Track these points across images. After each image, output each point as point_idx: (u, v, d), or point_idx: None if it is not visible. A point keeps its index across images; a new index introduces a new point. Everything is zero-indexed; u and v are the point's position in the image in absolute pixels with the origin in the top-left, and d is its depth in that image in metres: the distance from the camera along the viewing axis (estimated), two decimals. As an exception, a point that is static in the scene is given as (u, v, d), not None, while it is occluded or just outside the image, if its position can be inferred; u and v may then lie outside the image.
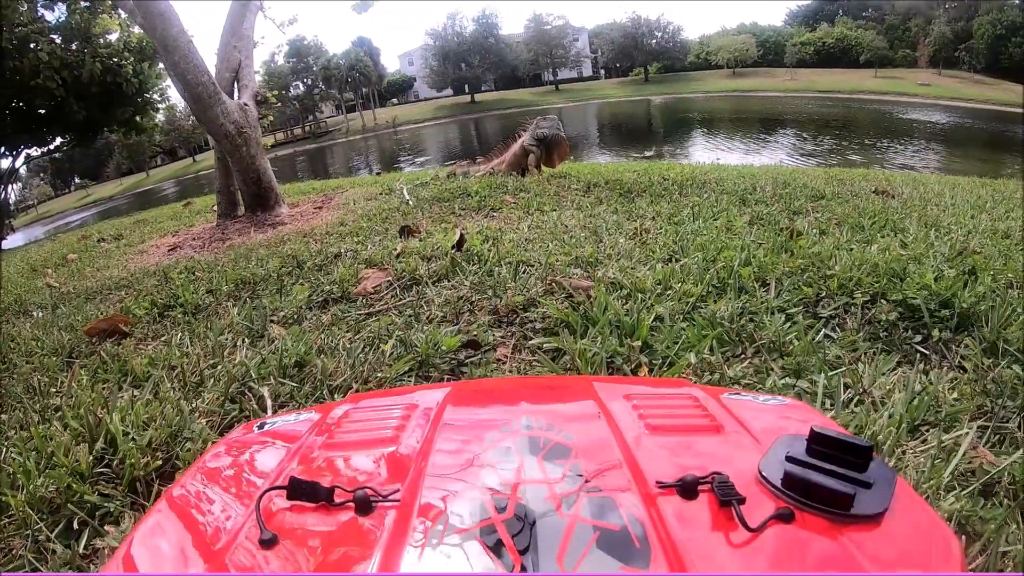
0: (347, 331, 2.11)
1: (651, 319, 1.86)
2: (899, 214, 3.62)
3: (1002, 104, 42.32)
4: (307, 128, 54.42)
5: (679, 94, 55.21)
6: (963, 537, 1.06)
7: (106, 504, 1.33)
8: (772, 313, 1.95)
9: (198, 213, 7.89)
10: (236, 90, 5.98)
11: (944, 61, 56.70)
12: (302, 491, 0.63)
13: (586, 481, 0.63)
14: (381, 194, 5.99)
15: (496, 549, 0.53)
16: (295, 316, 2.34)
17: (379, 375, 1.75)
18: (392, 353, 1.87)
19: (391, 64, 69.54)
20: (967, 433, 1.31)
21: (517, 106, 55.11)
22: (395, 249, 3.03)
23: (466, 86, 61.48)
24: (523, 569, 0.51)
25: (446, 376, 1.77)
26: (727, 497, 0.59)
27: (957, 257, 2.50)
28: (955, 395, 1.49)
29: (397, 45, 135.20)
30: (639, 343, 1.75)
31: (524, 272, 2.45)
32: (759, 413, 0.84)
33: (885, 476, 0.62)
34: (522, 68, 62.67)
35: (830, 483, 0.59)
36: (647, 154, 18.29)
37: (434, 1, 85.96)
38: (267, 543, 0.58)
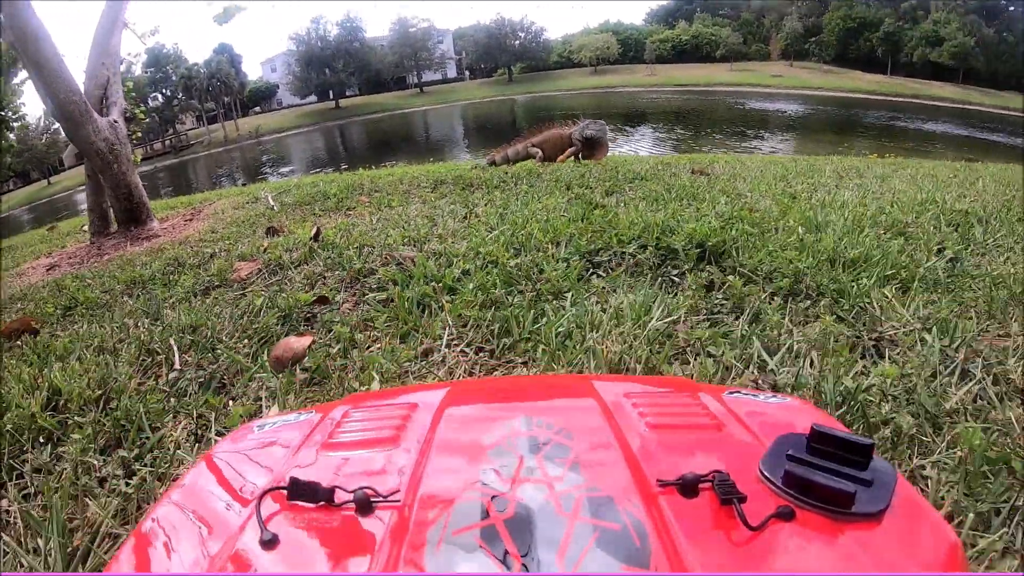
0: (228, 305, 2.71)
1: (458, 272, 2.56)
2: (705, 188, 4.50)
3: (849, 91, 47.53)
4: (167, 142, 51.32)
5: (543, 92, 56.98)
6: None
7: (59, 427, 1.87)
8: (556, 262, 2.67)
9: (67, 235, 7.98)
10: (104, 107, 6.15)
11: (795, 54, 62.09)
12: (302, 491, 0.65)
13: (586, 480, 0.64)
14: (248, 203, 6.43)
15: (496, 549, 0.54)
16: (183, 300, 2.90)
17: (254, 326, 2.37)
18: (263, 311, 2.49)
19: (253, 71, 67.75)
20: (677, 319, 2.07)
21: (382, 110, 55.16)
22: (262, 246, 3.62)
23: (330, 92, 60.72)
24: (523, 569, 0.52)
25: (303, 324, 2.39)
26: (728, 495, 0.60)
27: (734, 214, 3.34)
28: (682, 300, 2.24)
29: (259, 51, 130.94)
30: (443, 287, 2.45)
31: (367, 252, 3.11)
32: (760, 411, 0.87)
33: (885, 474, 0.63)
34: (387, 71, 62.61)
35: (831, 481, 0.60)
36: (510, 152, 18.96)
37: (297, 1, 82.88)
38: (268, 543, 0.60)
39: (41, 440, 1.80)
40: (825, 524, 0.59)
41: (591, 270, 2.64)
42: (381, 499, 0.64)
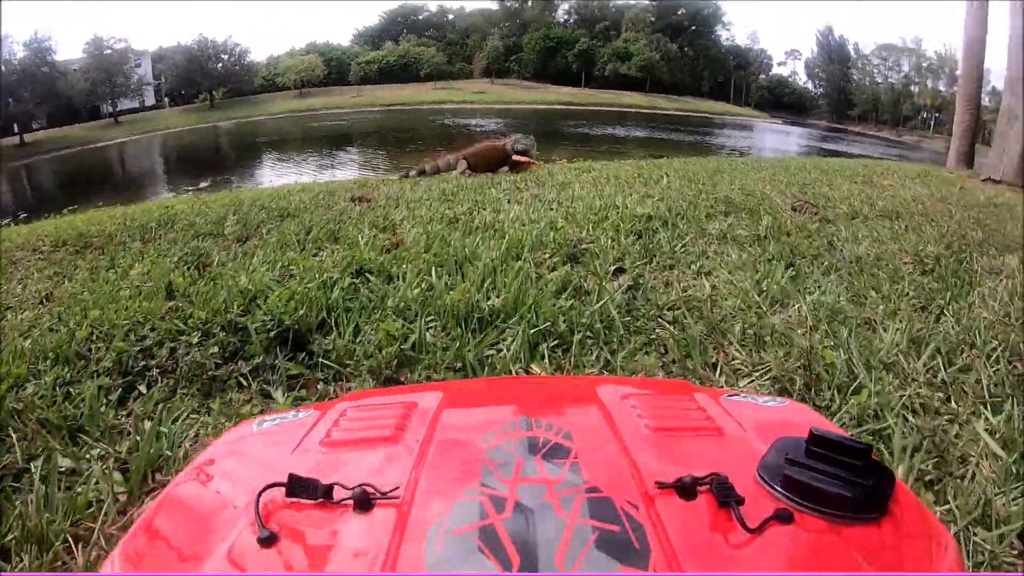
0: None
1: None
2: (356, 220, 4.39)
3: (548, 104, 53.84)
4: None
5: (248, 118, 55.03)
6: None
7: None
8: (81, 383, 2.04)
9: None
10: None
11: (497, 71, 67.11)
12: (301, 489, 0.65)
13: (585, 481, 0.64)
14: None
15: (495, 549, 0.54)
16: None
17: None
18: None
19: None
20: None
21: (75, 144, 49.67)
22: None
23: (15, 125, 52.70)
24: (522, 569, 0.52)
25: None
26: (726, 498, 0.61)
27: (363, 257, 3.15)
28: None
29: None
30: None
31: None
32: (758, 415, 0.88)
33: (883, 478, 0.64)
34: (79, 100, 56.55)
35: (829, 485, 0.61)
36: (202, 185, 17.98)
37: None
38: (266, 541, 0.59)
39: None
40: (823, 527, 0.60)
41: (129, 389, 2.05)
42: (380, 496, 0.64)
